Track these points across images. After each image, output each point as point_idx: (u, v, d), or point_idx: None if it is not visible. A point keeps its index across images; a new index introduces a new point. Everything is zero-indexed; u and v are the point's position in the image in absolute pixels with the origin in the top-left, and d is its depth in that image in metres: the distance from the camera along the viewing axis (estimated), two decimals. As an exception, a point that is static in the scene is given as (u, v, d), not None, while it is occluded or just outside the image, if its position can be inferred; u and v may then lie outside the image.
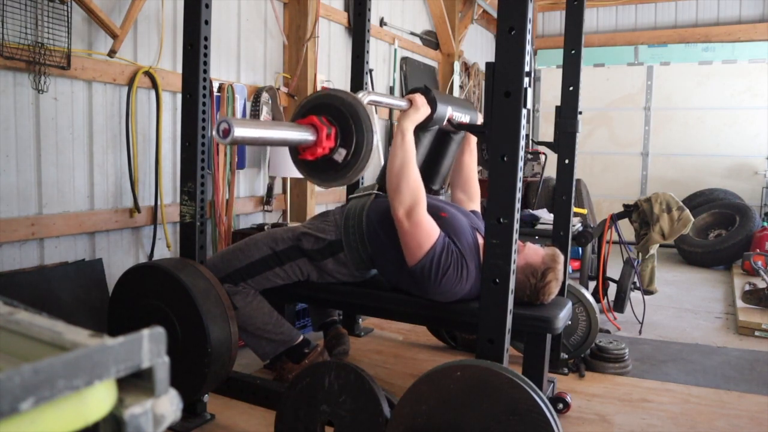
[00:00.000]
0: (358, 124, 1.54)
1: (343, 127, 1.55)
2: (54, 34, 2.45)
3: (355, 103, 1.55)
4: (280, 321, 2.42)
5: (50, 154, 2.61)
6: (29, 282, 2.47)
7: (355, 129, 1.54)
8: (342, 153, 1.56)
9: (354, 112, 1.54)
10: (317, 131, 1.53)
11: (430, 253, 2.05)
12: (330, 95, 1.59)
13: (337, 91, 1.60)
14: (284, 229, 2.46)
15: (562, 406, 2.34)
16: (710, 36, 7.16)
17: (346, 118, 1.55)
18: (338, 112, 1.56)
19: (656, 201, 3.67)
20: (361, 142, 1.54)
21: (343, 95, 1.57)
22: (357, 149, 1.55)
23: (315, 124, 1.53)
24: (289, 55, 4.04)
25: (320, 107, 1.58)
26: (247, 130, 1.32)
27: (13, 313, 0.54)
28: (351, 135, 1.55)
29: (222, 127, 1.28)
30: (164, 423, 0.52)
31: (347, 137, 1.55)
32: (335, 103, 1.56)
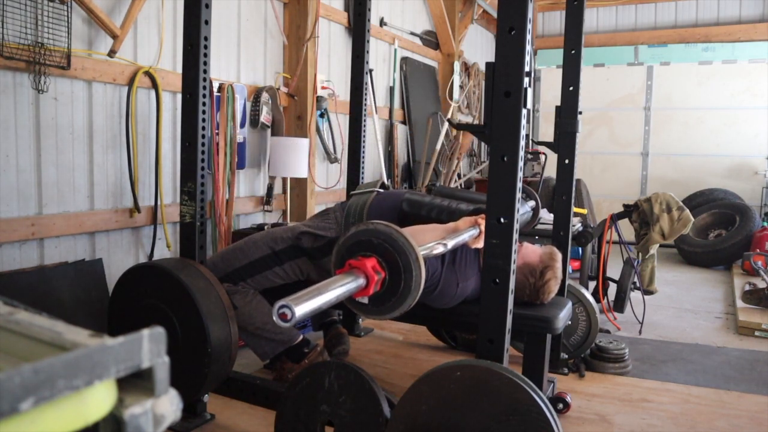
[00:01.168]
0: (408, 282, 1.48)
1: (393, 276, 1.48)
2: (54, 34, 2.45)
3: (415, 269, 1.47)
4: (280, 321, 2.42)
5: (50, 154, 2.61)
6: (29, 282, 2.47)
7: (404, 285, 1.48)
8: (365, 300, 1.51)
9: (410, 274, 1.47)
10: (368, 282, 1.48)
11: None
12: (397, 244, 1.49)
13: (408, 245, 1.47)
14: (284, 229, 2.46)
15: (562, 406, 2.34)
16: (710, 36, 7.16)
17: (400, 273, 1.47)
18: (395, 263, 1.47)
19: (656, 201, 3.67)
20: (404, 299, 1.50)
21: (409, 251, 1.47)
22: (396, 302, 1.50)
23: (368, 276, 1.47)
24: (289, 55, 4.04)
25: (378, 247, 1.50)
26: (306, 306, 1.24)
27: (13, 313, 0.54)
28: (398, 289, 1.48)
29: (281, 312, 1.21)
30: (164, 423, 0.52)
31: (393, 289, 1.49)
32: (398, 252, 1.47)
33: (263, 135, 3.85)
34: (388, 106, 5.35)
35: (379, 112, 5.13)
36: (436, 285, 2.05)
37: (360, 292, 1.45)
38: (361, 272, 1.45)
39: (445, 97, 6.21)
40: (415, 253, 1.47)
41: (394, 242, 1.47)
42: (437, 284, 2.05)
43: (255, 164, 3.82)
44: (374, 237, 1.49)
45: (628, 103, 7.49)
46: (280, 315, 1.19)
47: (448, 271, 2.09)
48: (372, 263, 1.47)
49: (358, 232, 1.52)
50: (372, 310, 1.53)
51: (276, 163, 3.69)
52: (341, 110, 4.44)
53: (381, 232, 1.49)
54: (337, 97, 4.42)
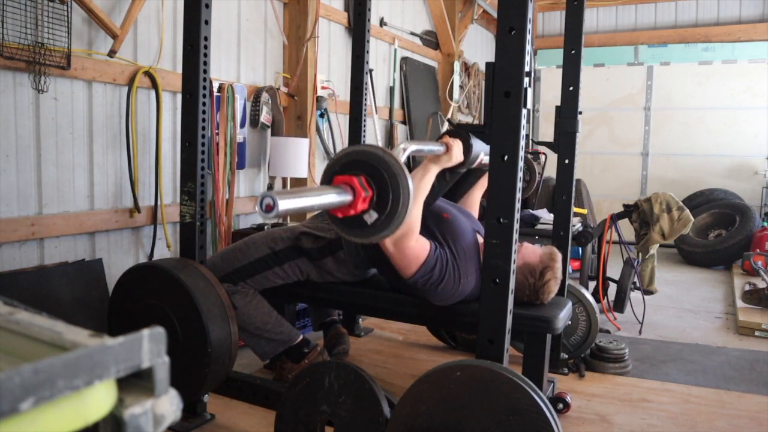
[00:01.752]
0: (397, 193, 1.49)
1: (380, 189, 1.50)
2: (54, 34, 2.45)
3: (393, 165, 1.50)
4: (280, 321, 2.42)
5: (50, 154, 2.61)
6: (29, 282, 2.47)
7: (392, 198, 1.50)
8: (373, 216, 1.52)
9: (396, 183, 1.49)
10: (354, 193, 1.49)
11: (421, 269, 2.05)
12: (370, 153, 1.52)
13: (375, 149, 1.53)
14: (283, 229, 2.46)
15: (562, 406, 2.34)
16: (710, 36, 7.16)
17: (387, 185, 1.49)
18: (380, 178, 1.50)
19: (656, 201, 3.67)
20: (394, 211, 1.51)
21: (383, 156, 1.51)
22: (389, 216, 1.51)
23: (354, 186, 1.49)
24: (289, 55, 4.04)
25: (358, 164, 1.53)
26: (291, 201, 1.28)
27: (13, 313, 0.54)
28: (387, 203, 1.50)
29: (266, 203, 1.24)
30: (164, 423, 0.52)
31: (382, 200, 1.51)
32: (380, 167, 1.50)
33: (263, 135, 3.85)
34: (388, 106, 5.35)
35: (379, 112, 5.13)
36: (443, 277, 2.06)
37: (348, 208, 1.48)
38: (347, 186, 1.48)
39: (445, 97, 6.21)
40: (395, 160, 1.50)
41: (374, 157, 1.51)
42: (444, 276, 2.05)
43: (255, 164, 3.82)
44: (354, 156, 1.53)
45: (628, 103, 7.49)
46: (265, 205, 1.23)
47: (452, 265, 2.09)
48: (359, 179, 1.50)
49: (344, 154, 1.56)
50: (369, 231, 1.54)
51: (276, 163, 3.69)
52: (341, 110, 4.44)
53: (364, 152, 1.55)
54: (337, 97, 4.42)
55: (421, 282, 2.07)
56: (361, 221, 1.54)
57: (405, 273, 2.08)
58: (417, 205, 2.02)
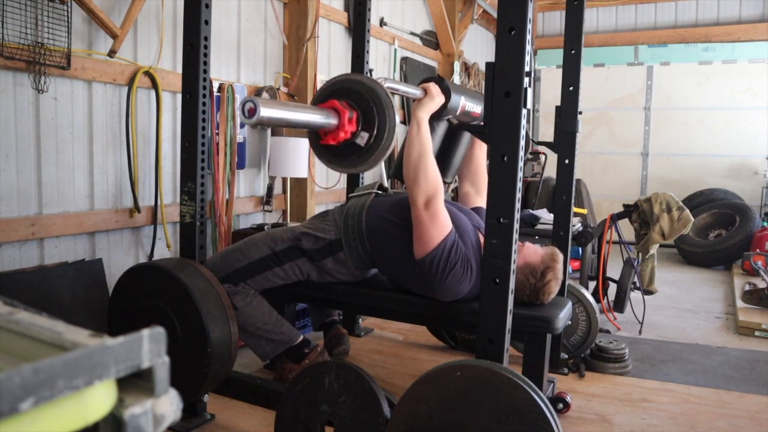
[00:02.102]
0: (380, 106, 1.51)
1: (365, 110, 1.52)
2: (54, 34, 2.45)
3: (375, 87, 1.52)
4: (280, 321, 2.42)
5: (50, 154, 2.61)
6: (29, 282, 2.47)
7: (377, 112, 1.51)
8: (364, 136, 1.53)
9: (375, 95, 1.51)
10: (339, 115, 1.50)
11: (440, 247, 2.05)
12: (350, 80, 1.55)
13: (356, 76, 1.56)
14: (284, 229, 2.45)
15: (562, 406, 2.34)
16: (710, 36, 7.16)
17: (367, 102, 1.52)
18: (359, 96, 1.52)
19: (656, 201, 3.67)
20: (383, 125, 1.52)
21: (363, 79, 1.54)
22: (379, 132, 1.52)
23: (337, 108, 1.51)
24: (289, 55, 4.04)
25: (340, 92, 1.55)
26: (273, 110, 1.30)
27: (13, 313, 0.54)
28: (373, 118, 1.52)
29: (248, 107, 1.26)
30: (164, 423, 0.52)
31: (369, 121, 1.52)
32: (355, 88, 1.53)
33: (263, 135, 3.85)
34: (388, 106, 5.34)
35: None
36: (453, 266, 2.06)
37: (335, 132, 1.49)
38: (331, 110, 1.49)
39: (445, 97, 6.20)
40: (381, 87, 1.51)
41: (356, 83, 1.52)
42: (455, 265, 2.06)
43: (255, 164, 3.82)
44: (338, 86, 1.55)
45: (628, 103, 7.49)
46: (248, 109, 1.25)
47: (461, 261, 2.09)
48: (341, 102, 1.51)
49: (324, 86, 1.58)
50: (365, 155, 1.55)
51: (276, 163, 3.69)
52: (341, 110, 4.44)
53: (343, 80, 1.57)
54: (337, 97, 4.42)
55: (434, 263, 2.06)
56: (355, 147, 1.55)
57: (425, 247, 2.07)
58: (429, 157, 2.02)
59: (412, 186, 2.04)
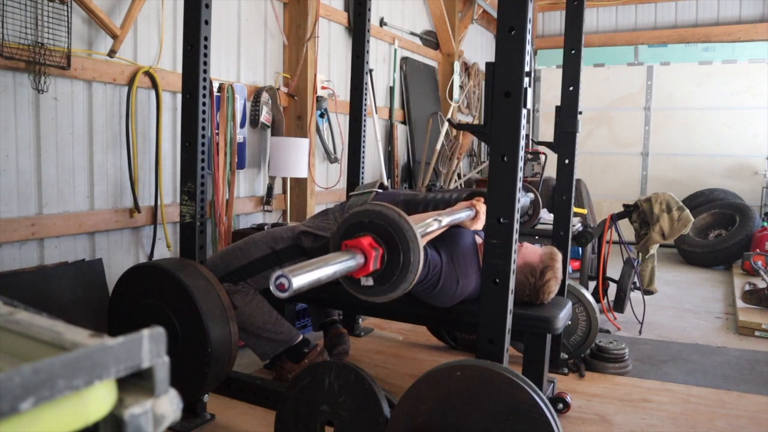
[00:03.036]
0: (405, 268, 1.48)
1: (390, 247, 1.48)
2: (54, 34, 2.45)
3: (409, 235, 1.47)
4: (280, 320, 2.42)
5: (50, 154, 2.61)
6: (29, 282, 2.47)
7: (400, 270, 1.49)
8: (370, 281, 1.51)
9: (408, 254, 1.46)
10: (366, 258, 1.47)
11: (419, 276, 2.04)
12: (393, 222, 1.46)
13: (393, 215, 1.47)
14: (284, 228, 2.46)
15: (562, 406, 2.34)
16: (710, 36, 7.16)
17: (395, 243, 1.48)
18: (387, 234, 1.48)
19: (656, 201, 3.67)
20: (398, 283, 1.50)
21: (406, 227, 1.45)
22: (403, 270, 1.50)
23: (365, 251, 1.47)
24: (289, 55, 4.04)
25: (373, 226, 1.50)
26: (304, 278, 1.24)
27: (13, 313, 0.54)
28: (398, 259, 1.48)
29: (278, 283, 1.21)
30: (164, 423, 0.52)
31: (394, 259, 1.49)
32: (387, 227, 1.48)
33: (263, 135, 3.85)
34: (388, 106, 5.34)
35: (379, 112, 5.13)
36: (437, 280, 2.05)
37: (360, 271, 1.46)
38: (358, 250, 1.46)
39: (445, 97, 6.21)
40: (408, 224, 1.48)
41: (385, 217, 1.49)
42: (438, 279, 2.05)
43: (255, 164, 3.82)
44: (366, 217, 1.51)
45: (628, 103, 7.49)
46: (278, 285, 1.20)
47: (449, 268, 2.09)
48: (368, 240, 1.47)
49: (351, 215, 1.54)
50: (378, 291, 1.53)
51: (276, 163, 3.69)
52: (341, 110, 4.44)
53: (372, 211, 1.51)
54: (337, 97, 4.42)
55: (417, 288, 2.06)
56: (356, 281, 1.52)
57: None
58: None
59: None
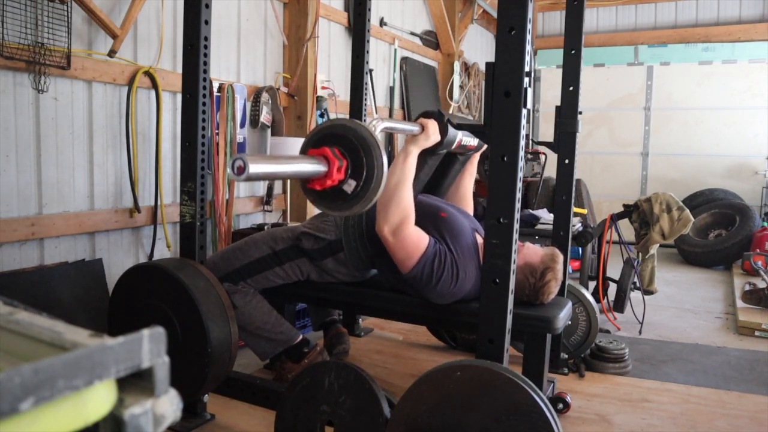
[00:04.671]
0: (369, 155, 1.52)
1: (354, 159, 1.54)
2: (54, 34, 2.45)
3: (367, 136, 1.53)
4: (280, 320, 2.42)
5: (50, 154, 2.61)
6: (29, 282, 2.47)
7: (366, 162, 1.53)
8: (352, 184, 1.54)
9: (365, 143, 1.53)
10: (329, 163, 1.52)
11: (421, 262, 2.06)
12: (342, 125, 1.57)
13: (348, 122, 1.58)
14: (284, 229, 2.46)
15: (562, 406, 2.34)
16: (710, 36, 7.16)
17: (358, 150, 1.54)
18: (350, 144, 1.54)
19: (656, 201, 3.67)
20: (371, 176, 1.53)
21: (355, 126, 1.55)
22: (366, 182, 1.54)
23: (327, 156, 1.52)
24: (289, 55, 4.04)
25: (332, 137, 1.56)
26: (262, 165, 1.31)
27: (13, 313, 0.54)
28: (362, 166, 1.53)
29: (237, 165, 1.27)
30: (164, 423, 0.52)
31: (357, 169, 1.54)
32: (347, 134, 1.55)
33: (263, 135, 3.85)
34: (388, 106, 5.34)
35: (379, 112, 5.13)
36: (439, 278, 2.06)
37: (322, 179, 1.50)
38: (321, 157, 1.50)
39: (445, 97, 6.21)
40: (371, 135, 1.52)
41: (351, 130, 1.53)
42: (442, 273, 2.06)
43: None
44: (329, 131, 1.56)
45: (628, 103, 7.49)
46: (237, 167, 1.26)
47: (450, 264, 2.09)
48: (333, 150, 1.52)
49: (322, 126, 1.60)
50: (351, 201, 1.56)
51: (276, 163, 3.69)
52: (341, 110, 4.44)
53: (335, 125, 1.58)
54: (337, 97, 4.42)
55: (420, 276, 2.07)
56: (341, 193, 1.56)
57: (405, 266, 2.08)
58: (406, 188, 2.03)
59: (381, 211, 2.05)
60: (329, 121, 1.61)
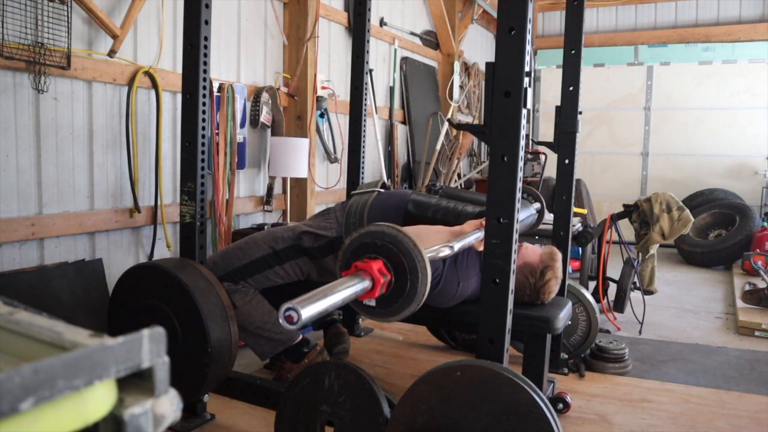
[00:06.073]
0: (410, 297, 1.48)
1: (398, 271, 1.49)
2: (54, 34, 2.45)
3: (422, 277, 1.46)
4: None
5: (50, 154, 2.61)
6: (29, 282, 2.47)
7: (405, 298, 1.49)
8: (372, 302, 1.52)
9: (415, 275, 1.47)
10: (374, 284, 1.48)
11: None
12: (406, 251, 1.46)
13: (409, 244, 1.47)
14: (284, 228, 2.46)
15: (562, 406, 2.34)
16: (710, 36, 7.16)
17: (405, 275, 1.48)
18: (399, 264, 1.48)
19: (656, 201, 3.67)
20: (400, 310, 1.50)
21: (414, 251, 1.45)
22: (404, 302, 1.50)
23: (374, 277, 1.48)
24: (289, 55, 4.04)
25: (373, 246, 1.50)
26: (313, 308, 1.24)
27: (13, 313, 0.54)
28: (405, 283, 1.49)
29: (287, 315, 1.21)
30: (164, 423, 0.52)
31: (400, 286, 1.49)
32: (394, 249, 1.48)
33: (263, 135, 3.85)
34: (388, 106, 5.34)
35: (379, 112, 5.13)
36: (437, 283, 2.05)
37: (366, 295, 1.45)
38: (367, 274, 1.45)
39: (445, 97, 6.21)
40: (421, 256, 1.47)
41: (399, 244, 1.47)
42: (438, 282, 2.05)
43: (255, 164, 3.82)
44: (379, 239, 1.49)
45: (628, 103, 7.49)
46: (287, 317, 1.20)
47: (450, 270, 2.09)
48: (378, 265, 1.47)
49: (364, 234, 1.52)
50: (378, 313, 1.53)
51: (276, 163, 3.69)
52: (341, 110, 4.44)
53: (387, 234, 1.50)
54: (337, 97, 4.42)
55: None
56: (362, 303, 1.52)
57: None
58: None
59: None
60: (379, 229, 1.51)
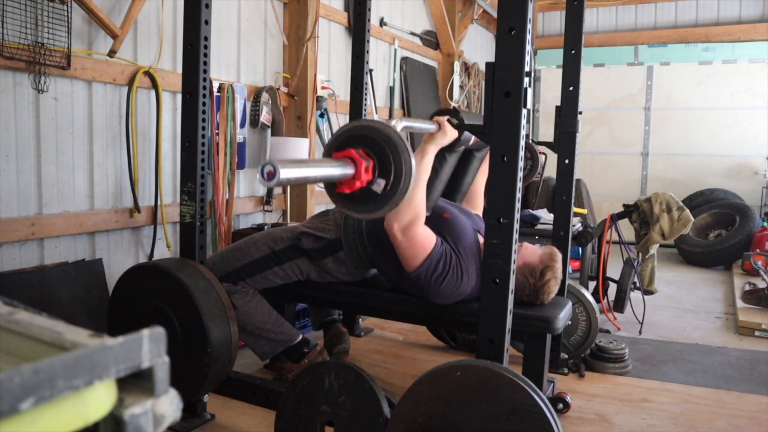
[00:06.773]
0: (395, 152, 1.51)
1: (381, 157, 1.52)
2: (54, 34, 2.45)
3: (389, 132, 1.52)
4: (279, 320, 2.42)
5: (50, 154, 2.61)
6: (29, 282, 2.47)
7: (392, 158, 1.52)
8: (381, 184, 1.53)
9: (390, 141, 1.50)
10: (356, 165, 1.50)
11: (426, 262, 2.06)
12: (364, 126, 1.55)
13: (372, 122, 1.56)
14: (284, 229, 2.46)
15: (562, 406, 2.34)
16: (710, 36, 7.16)
17: (382, 148, 1.52)
18: (374, 144, 1.52)
19: (656, 201, 3.67)
20: (399, 171, 1.52)
21: (377, 125, 1.54)
22: (396, 178, 1.52)
23: (353, 158, 1.51)
24: (289, 55, 4.04)
25: (354, 139, 1.54)
26: (292, 170, 1.29)
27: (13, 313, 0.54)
28: (389, 165, 1.51)
29: (267, 170, 1.25)
30: (164, 423, 0.52)
31: (385, 167, 1.52)
32: (371, 135, 1.53)
33: (263, 135, 3.85)
34: (388, 106, 5.34)
35: (379, 112, 5.13)
36: (446, 273, 2.06)
37: (351, 181, 1.49)
38: (347, 159, 1.49)
39: (445, 97, 6.21)
40: (396, 133, 1.51)
41: (374, 130, 1.52)
42: (447, 272, 2.06)
43: (255, 164, 3.82)
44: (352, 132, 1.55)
45: (628, 103, 7.49)
46: (267, 173, 1.24)
47: (457, 262, 2.09)
48: (357, 151, 1.51)
49: (342, 130, 1.58)
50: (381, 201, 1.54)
51: (276, 163, 3.68)
52: (341, 110, 4.44)
53: (359, 126, 1.56)
54: (337, 97, 4.42)
55: (425, 276, 2.07)
56: (371, 194, 1.54)
57: (411, 264, 2.08)
58: (420, 187, 2.01)
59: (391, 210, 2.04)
60: (351, 123, 1.59)
